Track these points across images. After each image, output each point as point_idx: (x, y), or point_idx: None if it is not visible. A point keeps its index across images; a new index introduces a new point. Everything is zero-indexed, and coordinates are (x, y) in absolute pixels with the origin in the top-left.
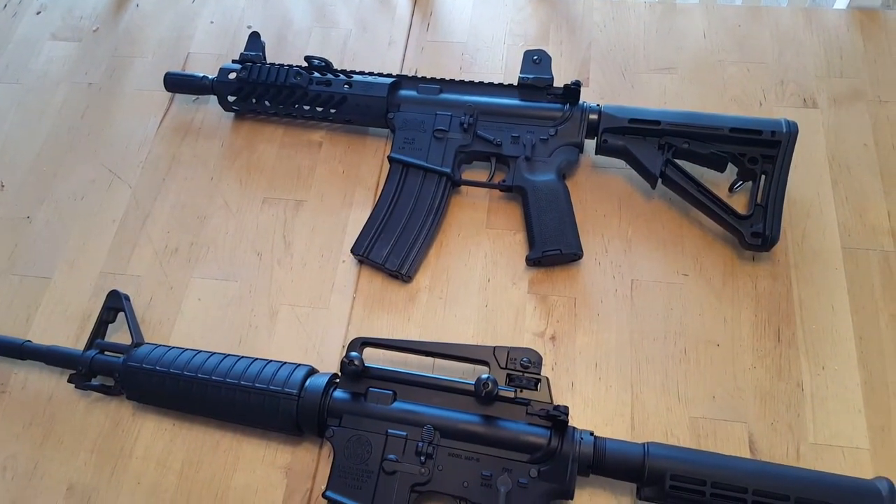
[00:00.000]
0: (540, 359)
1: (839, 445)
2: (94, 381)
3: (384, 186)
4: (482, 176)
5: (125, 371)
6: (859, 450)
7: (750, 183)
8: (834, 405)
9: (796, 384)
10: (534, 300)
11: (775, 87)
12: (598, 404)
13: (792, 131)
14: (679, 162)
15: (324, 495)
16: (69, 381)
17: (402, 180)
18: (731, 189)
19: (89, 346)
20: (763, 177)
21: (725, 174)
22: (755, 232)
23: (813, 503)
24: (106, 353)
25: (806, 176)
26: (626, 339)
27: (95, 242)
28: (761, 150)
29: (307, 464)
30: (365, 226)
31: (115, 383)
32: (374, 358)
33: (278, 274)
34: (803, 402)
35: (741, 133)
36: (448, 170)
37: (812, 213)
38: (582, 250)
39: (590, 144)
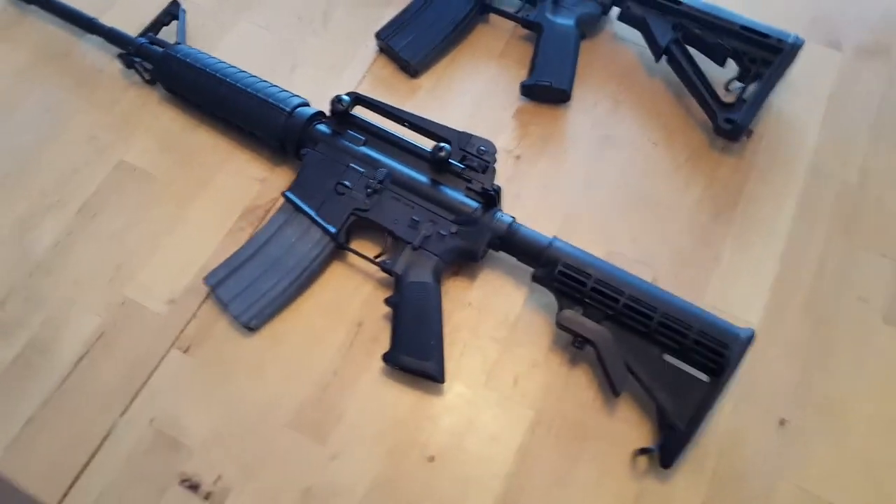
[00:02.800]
0: (495, 149)
1: (732, 313)
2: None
3: None
4: (512, 7)
5: (163, 58)
6: (749, 323)
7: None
8: (742, 282)
9: (714, 256)
10: (514, 124)
11: (808, 21)
12: (532, 217)
13: (797, 44)
14: (687, 48)
15: (283, 194)
16: (118, 56)
17: None
18: (726, 86)
19: (142, 34)
20: (757, 80)
21: (724, 74)
22: (728, 118)
23: (676, 322)
24: (154, 45)
25: (802, 101)
26: (580, 177)
27: None
28: (763, 54)
29: (279, 182)
30: (394, 18)
31: (153, 68)
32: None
33: (309, 39)
34: (715, 270)
35: (750, 32)
36: None
37: (794, 130)
38: (570, 90)
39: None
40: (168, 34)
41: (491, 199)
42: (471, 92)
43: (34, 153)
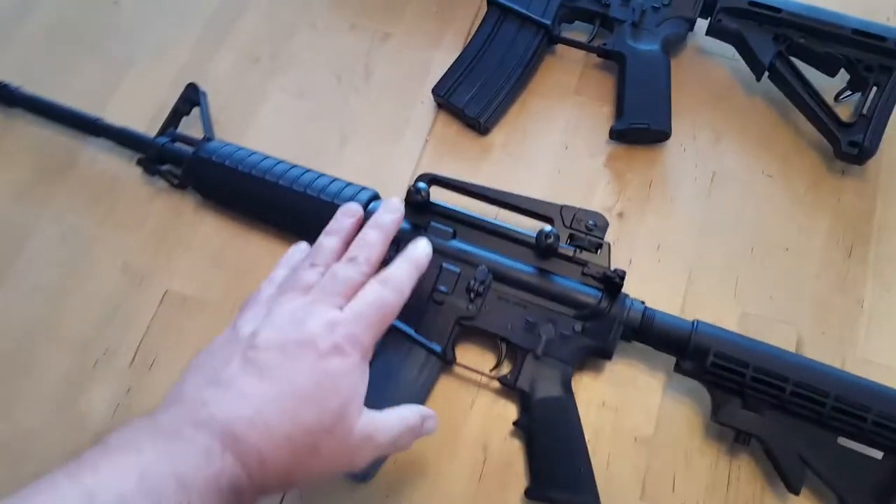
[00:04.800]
0: (606, 223)
1: (886, 364)
2: (162, 168)
3: (477, 30)
4: (583, 38)
5: (195, 161)
6: None
7: (857, 96)
8: (890, 327)
9: (857, 300)
10: (608, 174)
11: None
12: (652, 284)
13: None
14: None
15: None
16: (138, 163)
17: (498, 26)
18: (837, 97)
19: (161, 132)
20: (875, 88)
21: (831, 83)
22: (853, 141)
23: (852, 403)
24: (177, 143)
25: None
26: (695, 228)
27: (181, 37)
28: (880, 59)
29: None
30: (451, 68)
31: (182, 173)
32: (437, 198)
33: (354, 101)
34: (860, 318)
35: (864, 36)
36: (548, 22)
37: None
38: (671, 130)
39: (701, 25)
40: (190, 123)
41: (615, 285)
42: (551, 142)
43: (59, 298)
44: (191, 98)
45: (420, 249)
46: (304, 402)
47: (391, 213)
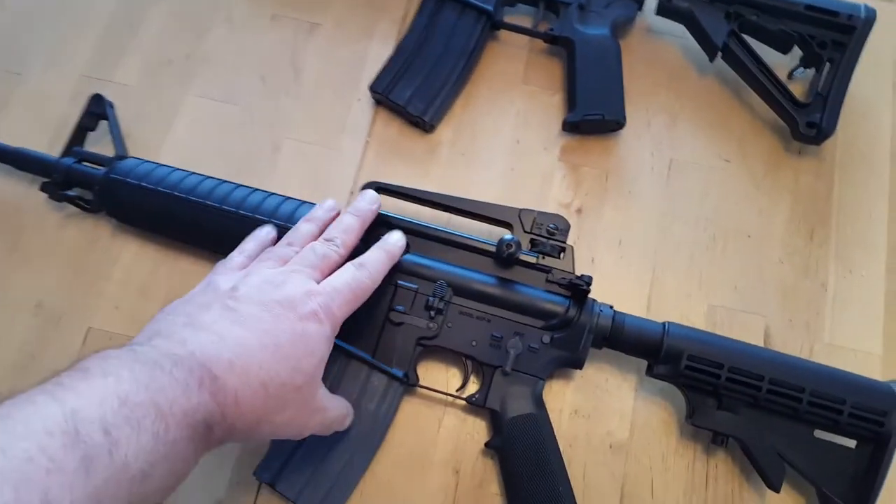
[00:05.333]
0: (568, 226)
1: (852, 348)
2: (71, 193)
3: (414, 18)
4: (527, 22)
5: (108, 183)
6: (871, 355)
7: (811, 71)
8: (854, 309)
9: (821, 284)
10: (564, 169)
11: None
12: (616, 282)
13: (870, 18)
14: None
15: None
16: (42, 189)
17: (436, 14)
18: (790, 75)
19: (66, 152)
20: (828, 65)
21: (782, 60)
22: (811, 122)
23: (827, 396)
24: (85, 163)
25: (868, 74)
26: (655, 220)
27: (77, 42)
28: (833, 35)
29: None
30: (388, 61)
31: (95, 198)
32: (384, 208)
33: (285, 103)
34: (825, 302)
35: (817, 12)
36: (490, 7)
37: (867, 114)
38: (625, 119)
39: (650, 4)
40: (98, 139)
41: (582, 292)
42: (502, 137)
43: None
44: (96, 111)
45: (394, 240)
46: (281, 357)
47: (369, 203)
